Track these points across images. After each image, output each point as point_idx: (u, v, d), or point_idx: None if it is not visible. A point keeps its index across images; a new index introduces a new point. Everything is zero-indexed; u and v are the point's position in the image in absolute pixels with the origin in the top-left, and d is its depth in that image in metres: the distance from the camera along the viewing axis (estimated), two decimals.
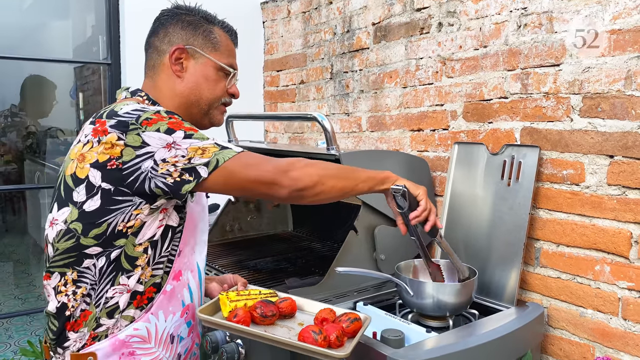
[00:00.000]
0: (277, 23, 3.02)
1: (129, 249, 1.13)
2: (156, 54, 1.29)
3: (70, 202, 1.13)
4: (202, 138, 1.11)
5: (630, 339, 1.48)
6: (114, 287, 1.14)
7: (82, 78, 5.63)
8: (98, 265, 1.13)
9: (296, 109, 2.88)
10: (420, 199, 1.33)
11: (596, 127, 1.54)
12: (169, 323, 1.19)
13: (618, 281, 1.50)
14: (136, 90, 1.28)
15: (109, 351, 1.12)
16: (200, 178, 1.08)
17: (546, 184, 1.68)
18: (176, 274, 1.20)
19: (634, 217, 1.46)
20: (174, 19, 1.28)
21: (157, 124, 1.10)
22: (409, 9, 2.16)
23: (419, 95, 2.13)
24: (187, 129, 1.11)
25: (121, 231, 1.12)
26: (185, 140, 1.09)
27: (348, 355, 1.10)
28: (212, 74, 1.29)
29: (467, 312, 1.64)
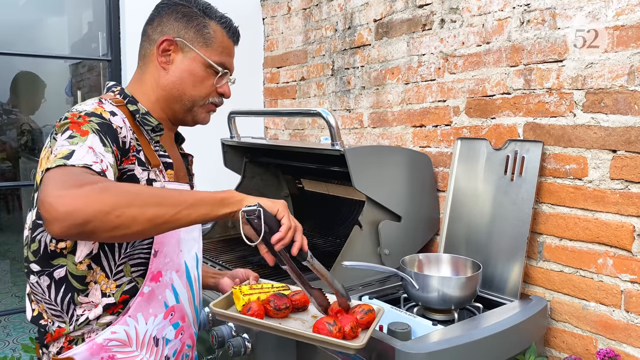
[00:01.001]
0: (277, 20, 3.02)
1: (71, 267, 1.07)
2: (147, 43, 1.22)
3: (32, 206, 1.09)
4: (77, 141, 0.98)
5: (633, 330, 1.50)
6: (78, 305, 1.08)
7: (77, 75, 5.60)
8: (42, 284, 1.07)
9: (297, 105, 2.88)
10: (281, 216, 1.08)
11: (599, 122, 1.56)
12: (150, 325, 1.13)
13: (621, 274, 1.52)
14: (112, 86, 1.22)
15: (87, 355, 1.07)
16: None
17: (549, 178, 1.70)
18: (154, 275, 1.14)
19: (636, 211, 1.48)
20: (170, 9, 1.21)
21: (63, 125, 1.03)
22: (411, 6, 2.17)
23: (421, 92, 2.14)
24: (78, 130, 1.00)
25: (55, 251, 1.06)
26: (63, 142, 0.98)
27: (364, 346, 1.11)
28: (200, 71, 1.20)
29: (471, 305, 1.66)
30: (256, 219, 1.03)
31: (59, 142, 0.99)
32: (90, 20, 4.92)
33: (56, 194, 0.85)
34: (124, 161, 1.09)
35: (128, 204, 0.89)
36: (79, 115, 1.04)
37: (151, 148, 1.17)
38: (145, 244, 1.13)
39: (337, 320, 1.16)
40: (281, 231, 1.06)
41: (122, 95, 1.19)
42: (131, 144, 1.11)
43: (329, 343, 1.12)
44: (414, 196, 1.97)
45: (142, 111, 1.18)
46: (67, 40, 5.15)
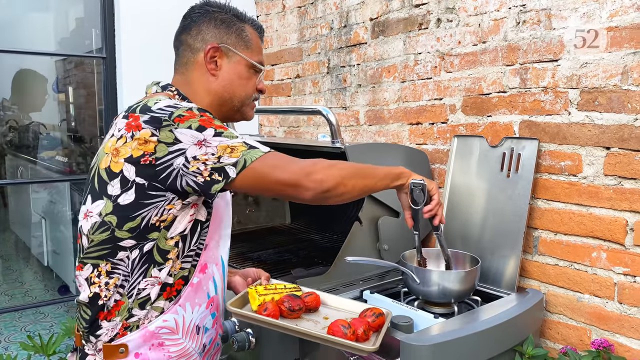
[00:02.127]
0: (272, 17, 3.04)
1: (161, 242, 1.15)
2: (189, 52, 1.29)
3: (105, 195, 1.15)
4: (231, 137, 1.12)
5: (626, 321, 1.56)
6: (146, 279, 1.16)
7: (64, 72, 5.55)
8: (132, 257, 1.15)
9: (292, 102, 2.90)
10: (433, 193, 1.36)
11: (593, 120, 1.61)
12: (195, 314, 1.22)
13: (614, 267, 1.58)
14: (167, 85, 1.29)
15: (139, 342, 1.16)
16: (229, 178, 1.10)
17: (544, 175, 1.75)
18: (202, 266, 1.23)
19: (629, 206, 1.54)
20: (206, 17, 1.28)
21: (189, 121, 1.11)
22: (407, 5, 2.20)
23: (417, 90, 2.18)
24: (217, 127, 1.12)
25: (154, 225, 1.14)
26: (215, 138, 1.10)
27: (377, 349, 1.16)
28: (245, 72, 1.30)
29: (470, 298, 1.70)
30: (419, 191, 1.34)
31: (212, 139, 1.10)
32: (78, 16, 4.88)
33: (302, 172, 1.11)
34: None
35: (350, 176, 1.17)
36: (200, 114, 1.13)
37: None
38: (205, 233, 1.22)
39: (351, 323, 1.21)
40: (431, 204, 1.37)
41: (179, 95, 1.27)
42: None
43: (344, 345, 1.18)
44: None
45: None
46: (53, 37, 5.11)
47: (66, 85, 5.52)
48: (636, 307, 1.54)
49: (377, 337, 1.23)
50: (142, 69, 2.72)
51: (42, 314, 4.09)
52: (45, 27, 5.12)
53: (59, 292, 4.46)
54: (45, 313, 4.11)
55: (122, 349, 1.15)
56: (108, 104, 2.77)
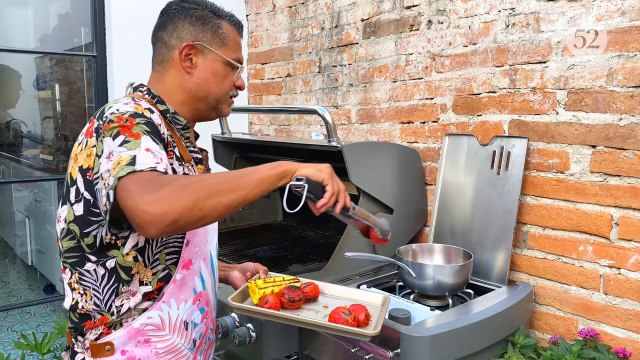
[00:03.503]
0: (262, 17, 3.06)
1: (120, 259, 1.13)
2: (165, 49, 1.26)
3: (68, 200, 1.13)
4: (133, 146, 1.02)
5: (611, 311, 1.64)
6: (119, 296, 1.15)
7: (44, 68, 5.48)
8: (99, 273, 1.14)
9: (282, 101, 2.94)
10: (326, 183, 1.18)
11: (580, 120, 1.68)
12: (181, 310, 1.21)
13: (600, 260, 1.66)
14: (139, 86, 1.26)
15: (124, 340, 1.15)
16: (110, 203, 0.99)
17: (533, 172, 1.82)
18: (185, 263, 1.21)
19: (614, 202, 1.62)
20: (182, 13, 1.25)
21: (112, 127, 1.06)
22: (398, 7, 2.26)
23: (409, 89, 2.24)
24: (130, 134, 1.04)
25: (110, 243, 1.11)
26: (120, 147, 1.02)
27: (378, 333, 1.20)
28: (221, 70, 1.27)
29: (463, 291, 1.76)
30: (302, 192, 1.14)
31: (115, 149, 1.02)
32: (60, 13, 4.83)
33: (145, 201, 0.92)
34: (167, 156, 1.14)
35: (206, 196, 0.97)
36: (126, 119, 1.07)
37: (183, 144, 1.23)
38: (179, 234, 1.19)
39: (351, 309, 1.25)
40: (325, 197, 1.18)
41: (150, 95, 1.24)
42: (168, 140, 1.17)
43: (346, 331, 1.21)
44: (404, 189, 2.07)
45: (171, 111, 1.24)
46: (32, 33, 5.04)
47: (46, 82, 5.45)
48: (621, 298, 1.62)
49: (378, 322, 1.27)
50: (133, 67, 2.72)
51: (28, 313, 4.06)
52: (24, 24, 5.05)
53: (44, 291, 4.43)
54: (32, 312, 4.08)
55: (108, 347, 1.14)
56: (99, 102, 2.77)
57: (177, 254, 1.20)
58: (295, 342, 1.69)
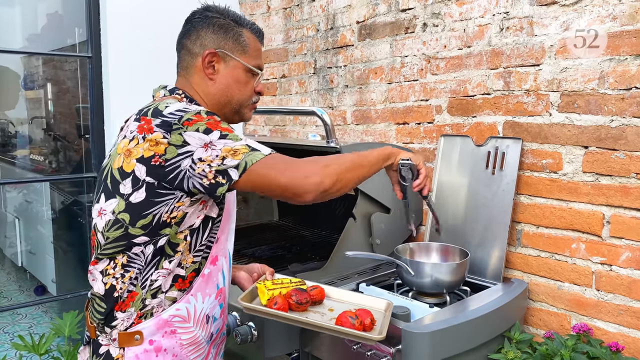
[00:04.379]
0: (256, 18, 3.08)
1: (172, 236, 1.21)
2: (189, 56, 1.34)
3: (117, 193, 1.19)
4: (236, 139, 1.16)
5: (603, 307, 1.69)
6: (158, 270, 1.22)
7: (32, 68, 5.44)
8: (146, 252, 1.21)
9: (277, 102, 2.96)
10: (421, 167, 1.44)
11: (573, 121, 1.73)
12: (205, 304, 1.29)
13: (592, 257, 1.71)
14: (174, 89, 1.34)
15: (153, 330, 1.22)
16: (232, 181, 1.14)
17: (527, 172, 1.87)
18: (214, 258, 1.29)
19: (606, 200, 1.67)
20: (205, 22, 1.33)
21: (197, 124, 1.16)
22: (394, 10, 2.29)
23: (404, 91, 2.28)
24: (223, 129, 1.17)
25: (165, 221, 1.19)
26: (220, 140, 1.15)
27: (384, 337, 1.24)
28: (242, 76, 1.34)
29: (460, 289, 1.81)
30: (407, 169, 1.44)
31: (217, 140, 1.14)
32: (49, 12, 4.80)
33: (303, 174, 1.15)
34: None
35: (345, 170, 1.21)
36: (208, 118, 1.18)
37: None
38: (216, 227, 1.27)
39: (357, 314, 1.29)
40: (420, 178, 1.44)
41: (187, 98, 1.32)
42: None
43: (352, 335, 1.25)
44: None
45: None
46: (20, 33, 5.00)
47: (34, 82, 5.41)
48: (612, 294, 1.67)
49: (382, 327, 1.31)
50: (130, 68, 2.74)
51: (19, 314, 4.04)
52: (11, 23, 5.00)
53: (35, 293, 4.41)
54: (23, 314, 4.06)
55: (137, 336, 1.21)
56: (94, 103, 2.77)
57: (210, 249, 1.27)
58: (297, 340, 1.72)
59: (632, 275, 1.62)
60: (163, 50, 2.82)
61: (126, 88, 2.75)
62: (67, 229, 3.88)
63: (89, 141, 3.10)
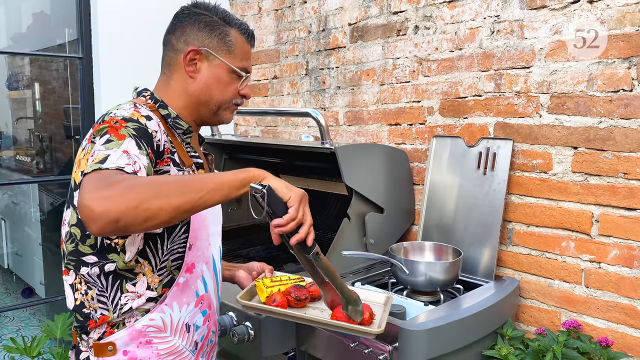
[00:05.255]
0: (247, 19, 3.09)
1: (121, 264, 1.16)
2: (172, 52, 1.28)
3: (72, 204, 1.16)
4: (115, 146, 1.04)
5: (592, 303, 1.74)
6: (125, 294, 1.17)
7: (16, 67, 5.37)
8: (93, 274, 1.16)
9: (269, 103, 2.98)
10: (291, 204, 1.09)
11: (562, 123, 1.78)
12: (183, 313, 1.23)
13: (581, 255, 1.75)
14: (142, 91, 1.29)
15: (126, 340, 1.18)
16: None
17: (517, 172, 1.91)
18: (189, 266, 1.24)
19: (594, 200, 1.71)
20: (192, 18, 1.27)
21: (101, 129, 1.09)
22: (385, 12, 2.32)
23: (396, 92, 2.31)
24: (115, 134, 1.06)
25: (110, 245, 1.14)
26: (100, 147, 1.05)
27: (383, 331, 1.25)
28: (225, 77, 1.27)
29: (453, 287, 1.84)
30: (260, 198, 1.05)
31: (97, 147, 1.05)
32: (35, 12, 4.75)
33: (88, 197, 0.92)
34: (159, 163, 1.16)
35: (153, 196, 0.95)
36: (116, 120, 1.10)
37: (184, 149, 1.25)
38: (182, 238, 1.21)
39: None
40: (283, 218, 1.07)
41: (153, 100, 1.26)
42: (165, 147, 1.18)
43: (352, 330, 1.25)
44: (393, 189, 2.13)
45: (172, 115, 1.25)
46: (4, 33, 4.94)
47: (18, 82, 5.34)
48: (601, 290, 1.72)
49: (382, 320, 1.33)
50: (121, 69, 2.73)
51: (6, 317, 4.00)
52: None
53: (22, 295, 4.36)
54: (10, 317, 4.01)
55: (111, 347, 1.17)
56: (85, 104, 2.76)
57: (181, 259, 1.22)
58: (293, 338, 1.73)
59: (620, 272, 1.67)
60: (155, 50, 2.82)
61: (117, 89, 2.74)
62: (56, 230, 3.84)
63: (78, 142, 3.09)
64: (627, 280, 1.65)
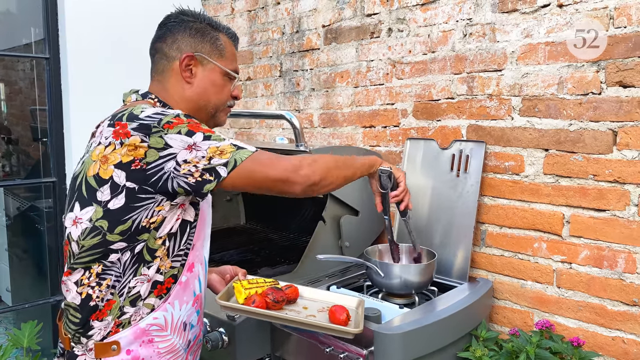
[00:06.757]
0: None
1: (150, 242, 1.20)
2: (165, 60, 1.33)
3: (94, 201, 1.17)
4: (220, 139, 1.18)
5: (564, 303, 1.76)
6: (136, 277, 1.20)
7: None
8: (123, 259, 1.19)
9: (242, 104, 2.95)
10: (400, 181, 1.53)
11: (534, 125, 1.80)
12: (183, 312, 1.27)
13: (553, 255, 1.78)
14: (146, 93, 1.33)
15: (131, 339, 1.20)
16: (221, 178, 1.15)
17: (490, 174, 1.92)
18: (190, 265, 1.28)
19: (565, 201, 1.74)
20: (181, 26, 1.32)
21: (178, 126, 1.15)
22: (359, 14, 2.32)
23: (370, 95, 2.31)
24: (205, 131, 1.17)
25: (144, 227, 1.18)
26: (205, 141, 1.15)
27: (362, 331, 1.26)
28: (219, 80, 1.34)
29: (427, 289, 1.84)
30: (386, 177, 1.51)
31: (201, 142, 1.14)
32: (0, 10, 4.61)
33: (290, 168, 1.20)
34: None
35: (333, 168, 1.29)
36: (187, 121, 1.17)
37: None
38: (192, 233, 1.26)
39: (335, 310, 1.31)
40: (397, 191, 1.55)
41: (160, 103, 1.31)
42: None
43: (332, 329, 1.27)
44: (368, 192, 2.11)
45: None
46: None
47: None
48: (572, 291, 1.74)
49: (358, 321, 1.34)
50: (89, 70, 2.67)
51: None
52: None
53: None
54: None
55: (114, 346, 1.19)
56: (52, 105, 2.69)
57: (187, 256, 1.27)
58: (268, 344, 1.71)
59: (590, 272, 1.70)
60: (124, 51, 2.77)
61: (86, 90, 2.69)
62: (23, 235, 3.74)
63: (46, 145, 3.01)
64: (597, 280, 1.68)
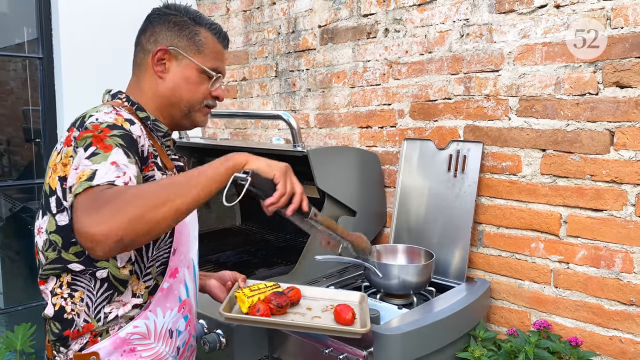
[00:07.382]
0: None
1: (114, 271, 1.13)
2: (142, 53, 1.27)
3: (49, 210, 1.12)
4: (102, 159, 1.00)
5: (561, 303, 1.77)
6: (111, 304, 1.15)
7: None
8: (84, 280, 1.13)
9: (238, 105, 2.94)
10: (277, 181, 1.13)
11: (531, 125, 1.80)
12: (167, 319, 1.22)
13: (550, 255, 1.78)
14: (117, 93, 1.26)
15: (110, 349, 1.14)
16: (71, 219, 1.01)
17: (487, 174, 1.93)
18: (172, 271, 1.22)
19: (563, 201, 1.74)
20: (161, 19, 1.26)
21: (85, 137, 1.04)
22: (355, 15, 2.32)
23: (367, 95, 2.30)
24: (101, 146, 1.02)
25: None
26: (85, 161, 1.01)
27: (369, 330, 1.25)
28: (194, 77, 1.25)
29: (425, 289, 1.84)
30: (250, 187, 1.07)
31: (83, 161, 1.01)
32: None
33: (88, 222, 0.90)
34: (144, 169, 1.14)
35: (152, 206, 0.93)
36: (101, 130, 1.06)
37: (165, 152, 1.24)
38: (167, 244, 1.20)
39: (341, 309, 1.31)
40: (274, 196, 1.13)
41: (129, 102, 1.23)
42: (149, 151, 1.16)
43: (339, 331, 1.27)
44: (365, 192, 2.13)
45: (151, 118, 1.23)
46: None
47: None
48: (569, 290, 1.75)
49: (364, 319, 1.32)
50: (83, 70, 2.65)
51: None
52: None
53: None
54: None
55: (94, 357, 1.12)
56: (45, 106, 2.66)
57: (165, 264, 1.21)
58: (265, 345, 1.70)
59: (587, 272, 1.70)
60: (118, 50, 2.74)
61: (80, 90, 2.66)
62: (16, 237, 3.70)
63: (39, 145, 2.98)
64: (595, 280, 1.69)
